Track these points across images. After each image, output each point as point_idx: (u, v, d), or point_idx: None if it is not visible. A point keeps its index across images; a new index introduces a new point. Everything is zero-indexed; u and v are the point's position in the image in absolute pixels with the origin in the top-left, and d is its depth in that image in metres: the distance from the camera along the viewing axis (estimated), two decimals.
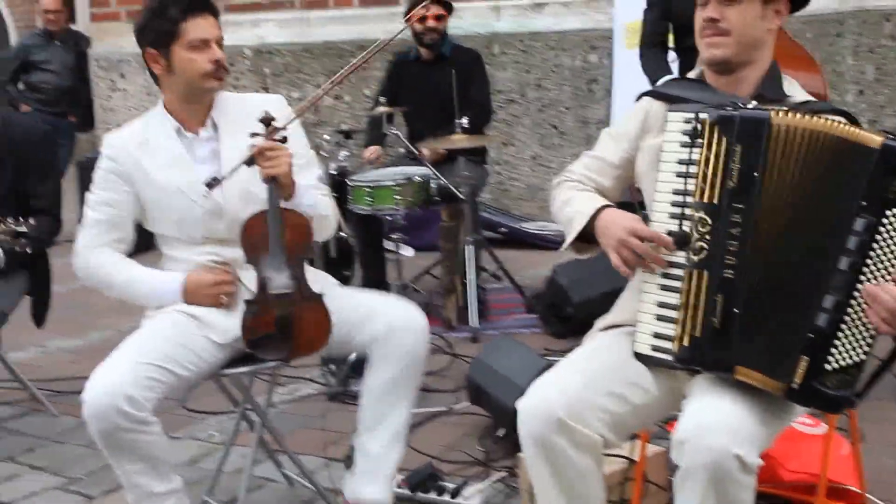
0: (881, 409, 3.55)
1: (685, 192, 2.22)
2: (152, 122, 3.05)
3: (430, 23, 5.58)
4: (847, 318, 2.07)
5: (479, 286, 5.12)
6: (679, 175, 2.23)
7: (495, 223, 6.95)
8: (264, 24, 8.13)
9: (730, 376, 2.16)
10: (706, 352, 2.18)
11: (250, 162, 2.85)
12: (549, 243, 6.53)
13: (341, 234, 5.28)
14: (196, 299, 2.92)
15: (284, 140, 2.89)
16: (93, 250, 3.00)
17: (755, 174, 2.12)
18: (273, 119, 2.90)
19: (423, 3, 5.03)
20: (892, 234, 2.05)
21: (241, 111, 3.01)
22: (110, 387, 2.63)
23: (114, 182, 2.99)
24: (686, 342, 2.20)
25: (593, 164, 2.58)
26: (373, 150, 5.74)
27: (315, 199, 3.01)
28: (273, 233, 2.85)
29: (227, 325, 2.90)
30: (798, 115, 2.14)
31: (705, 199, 2.17)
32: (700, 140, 2.19)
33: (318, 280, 3.04)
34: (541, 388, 2.29)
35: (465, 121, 5.04)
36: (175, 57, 2.92)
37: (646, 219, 2.32)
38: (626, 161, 2.53)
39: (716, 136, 2.17)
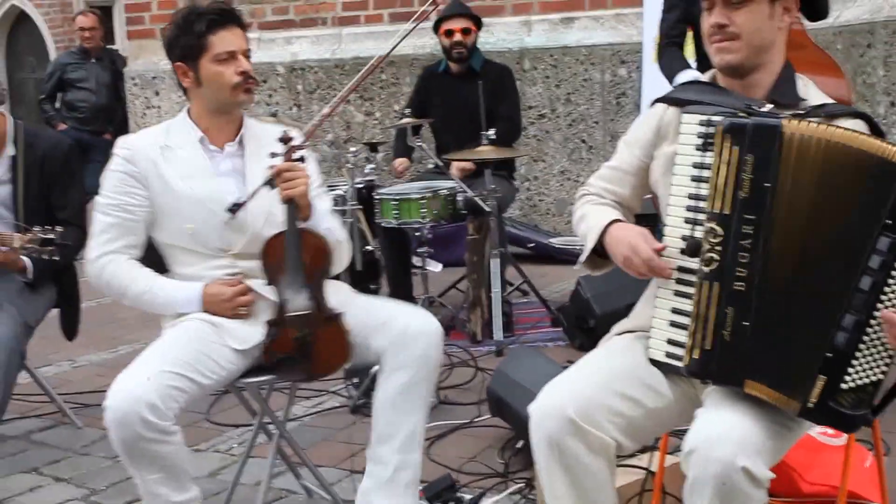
0: None
1: (699, 197, 2.19)
2: (174, 129, 3.06)
3: (458, 37, 5.62)
4: (866, 338, 2.02)
5: (504, 300, 5.10)
6: (694, 179, 2.20)
7: (523, 238, 6.94)
8: (297, 41, 8.19)
9: (740, 390, 2.13)
10: (716, 365, 2.16)
11: (271, 184, 2.88)
12: (576, 258, 6.47)
13: (367, 247, 5.29)
14: (215, 310, 2.92)
15: (302, 160, 2.93)
16: (107, 258, 2.98)
17: (767, 185, 2.08)
18: (292, 138, 2.95)
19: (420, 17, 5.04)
20: None
21: (265, 136, 3.05)
22: (133, 394, 2.61)
23: (129, 184, 2.98)
24: (696, 354, 2.18)
25: (610, 175, 2.57)
26: (401, 163, 5.76)
27: (331, 224, 3.05)
28: (291, 253, 2.87)
29: (247, 332, 2.91)
30: (813, 124, 2.09)
31: (716, 209, 2.14)
32: (712, 146, 2.16)
33: (336, 290, 3.04)
34: (552, 389, 2.27)
35: (491, 132, 5.04)
36: (203, 70, 2.96)
37: (658, 232, 2.31)
38: (640, 169, 2.51)
39: (727, 144, 2.13)
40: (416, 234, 5.22)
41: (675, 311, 2.24)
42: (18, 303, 3.68)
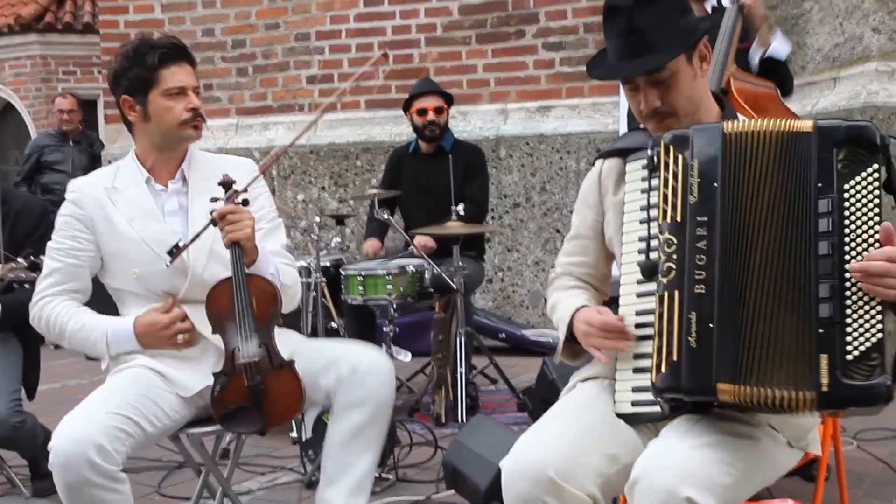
0: None
1: (650, 237, 2.17)
2: (122, 170, 3.00)
3: (430, 115, 5.56)
4: (848, 301, 1.98)
5: (470, 382, 4.98)
6: (643, 221, 2.21)
7: (494, 328, 6.82)
8: (274, 126, 8.18)
9: (713, 398, 2.04)
10: (684, 375, 2.05)
11: (213, 224, 2.80)
12: (550, 350, 6.37)
13: (332, 324, 5.18)
14: (152, 342, 2.84)
15: (246, 203, 2.85)
16: (48, 299, 2.92)
17: (715, 184, 2.08)
18: (233, 182, 2.87)
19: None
20: (858, 205, 2.00)
21: (212, 170, 2.97)
22: (79, 435, 2.54)
23: (76, 229, 2.92)
24: (664, 369, 2.07)
25: (571, 248, 2.56)
26: (371, 245, 5.66)
27: (278, 267, 2.96)
28: (239, 299, 2.78)
29: (192, 379, 2.83)
30: (748, 121, 2.14)
31: (669, 220, 2.11)
32: (656, 170, 2.16)
33: (285, 337, 2.95)
34: (527, 445, 2.18)
35: (461, 208, 4.98)
36: (151, 105, 2.90)
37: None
38: (597, 229, 2.49)
39: (672, 155, 2.14)
40: (382, 311, 5.10)
41: (637, 356, 2.19)
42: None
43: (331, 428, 2.84)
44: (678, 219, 2.10)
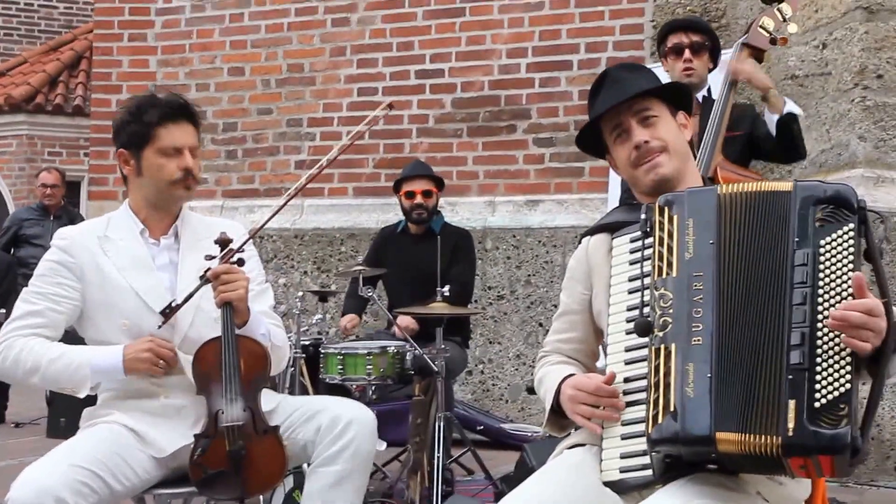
0: None
1: (643, 306, 2.21)
2: (115, 220, 2.99)
3: (419, 199, 5.54)
4: (819, 350, 2.03)
5: (447, 469, 4.86)
6: (631, 292, 2.27)
7: (473, 420, 6.69)
8: (259, 209, 8.18)
9: (712, 449, 2.04)
10: (683, 424, 2.06)
11: (206, 282, 2.78)
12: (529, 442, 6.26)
13: None
14: (134, 364, 2.76)
15: (241, 263, 2.84)
16: (16, 337, 2.82)
17: (710, 242, 2.16)
18: (230, 241, 2.86)
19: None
20: (832, 259, 2.07)
21: (203, 230, 2.98)
22: (40, 486, 2.46)
23: (62, 275, 2.87)
24: (661, 420, 2.08)
25: (560, 325, 2.58)
26: (349, 320, 5.56)
27: (268, 329, 2.93)
28: (227, 361, 2.73)
29: (166, 440, 2.76)
30: (739, 183, 2.23)
31: (664, 275, 2.17)
32: (651, 231, 2.23)
33: (265, 396, 2.89)
34: (509, 502, 2.19)
35: (446, 289, 4.92)
36: (145, 160, 2.91)
37: None
38: (585, 304, 2.52)
39: (666, 215, 2.22)
40: (360, 395, 4.99)
41: (626, 422, 2.20)
42: None
43: (309, 480, 2.78)
44: (674, 274, 2.16)
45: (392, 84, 7.80)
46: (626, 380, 2.22)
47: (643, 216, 2.24)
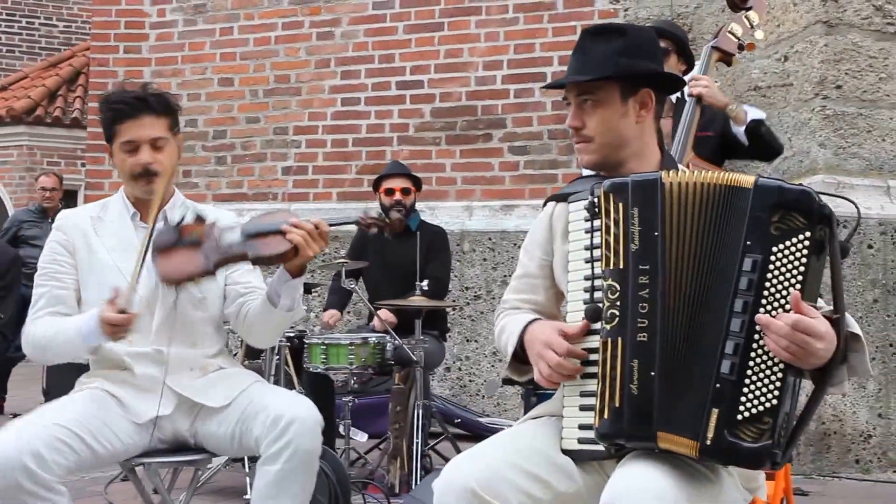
0: None
1: (594, 277, 2.19)
2: (111, 204, 3.10)
3: (397, 196, 5.75)
4: (751, 362, 2.00)
5: (425, 454, 5.08)
6: (587, 261, 2.22)
7: (451, 414, 6.87)
8: (247, 214, 8.36)
9: (654, 445, 2.07)
10: (627, 422, 2.08)
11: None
12: None
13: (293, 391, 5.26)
14: (104, 328, 2.78)
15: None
16: (34, 319, 2.97)
17: (655, 233, 2.11)
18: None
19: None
20: (782, 270, 2.00)
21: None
22: (19, 441, 2.55)
23: (58, 252, 3.01)
24: (606, 415, 2.10)
25: (520, 285, 2.55)
26: (331, 315, 5.79)
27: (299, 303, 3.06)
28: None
29: (148, 408, 2.86)
30: (688, 172, 2.17)
31: (612, 266, 2.14)
32: (598, 214, 2.19)
33: (245, 375, 3.04)
34: (457, 463, 2.22)
35: (425, 283, 5.15)
36: (115, 155, 3.01)
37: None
38: (545, 268, 2.51)
39: (612, 203, 2.17)
40: (342, 384, 5.18)
41: (584, 393, 2.20)
42: None
43: (255, 480, 2.81)
44: (620, 266, 2.13)
45: (374, 94, 8.05)
46: (586, 350, 2.21)
47: (590, 196, 2.20)
